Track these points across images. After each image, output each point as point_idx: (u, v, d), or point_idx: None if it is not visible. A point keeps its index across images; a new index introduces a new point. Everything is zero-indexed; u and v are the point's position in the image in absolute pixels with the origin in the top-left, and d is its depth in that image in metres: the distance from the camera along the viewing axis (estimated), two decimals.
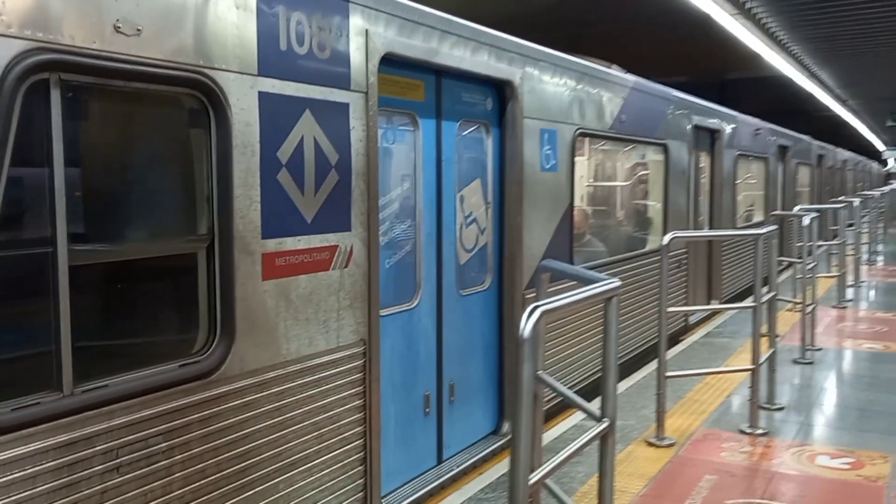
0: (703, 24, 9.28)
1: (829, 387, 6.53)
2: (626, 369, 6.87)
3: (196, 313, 3.03)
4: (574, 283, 3.20)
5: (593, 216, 7.20)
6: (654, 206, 8.30)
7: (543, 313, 2.58)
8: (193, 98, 2.92)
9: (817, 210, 9.40)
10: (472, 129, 5.02)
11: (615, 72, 7.03)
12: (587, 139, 6.59)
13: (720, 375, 6.58)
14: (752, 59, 11.71)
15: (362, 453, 3.79)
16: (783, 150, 14.28)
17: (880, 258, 16.06)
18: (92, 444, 2.54)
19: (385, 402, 4.04)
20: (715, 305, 9.12)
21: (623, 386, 6.42)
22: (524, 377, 2.49)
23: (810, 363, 7.15)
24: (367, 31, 3.72)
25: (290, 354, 3.32)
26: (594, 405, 3.13)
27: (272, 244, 3.19)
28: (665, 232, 7.78)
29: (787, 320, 8.96)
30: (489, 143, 5.14)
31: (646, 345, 7.41)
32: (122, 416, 2.63)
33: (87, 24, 2.44)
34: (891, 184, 38.84)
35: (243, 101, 3.03)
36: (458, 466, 4.69)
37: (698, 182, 9.44)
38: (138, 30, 2.60)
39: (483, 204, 5.12)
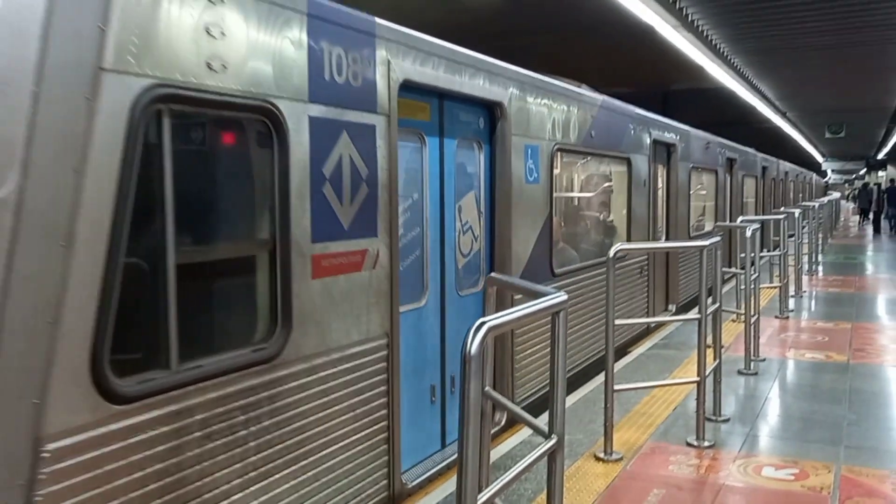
0: (646, 36, 9.36)
1: (773, 397, 6.58)
2: (598, 365, 7.27)
3: (263, 307, 3.55)
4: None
5: (566, 224, 7.75)
6: (619, 214, 8.94)
7: (490, 329, 2.53)
8: (262, 123, 3.45)
9: (759, 221, 9.52)
10: (467, 145, 5.58)
11: (585, 91, 7.58)
12: (563, 153, 7.14)
13: (668, 387, 6.58)
14: (695, 70, 11.87)
15: (386, 433, 4.33)
16: (731, 162, 15.08)
17: (821, 268, 16.41)
18: (192, 414, 3.02)
19: (402, 390, 4.56)
20: (659, 318, 9.17)
21: (571, 399, 6.38)
22: (471, 395, 2.43)
23: (755, 374, 7.21)
24: (389, 61, 4.32)
25: (332, 343, 3.85)
26: (542, 421, 3.09)
27: (319, 247, 3.74)
28: (629, 239, 8.79)
29: (732, 331, 9.05)
30: (481, 159, 5.71)
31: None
32: (212, 391, 3.12)
33: (188, 63, 2.98)
34: (830, 195, 39.96)
35: (297, 124, 3.58)
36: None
37: (656, 193, 10.02)
38: (224, 67, 3.14)
39: (476, 213, 5.68)
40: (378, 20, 4.28)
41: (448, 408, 5.28)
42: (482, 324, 2.54)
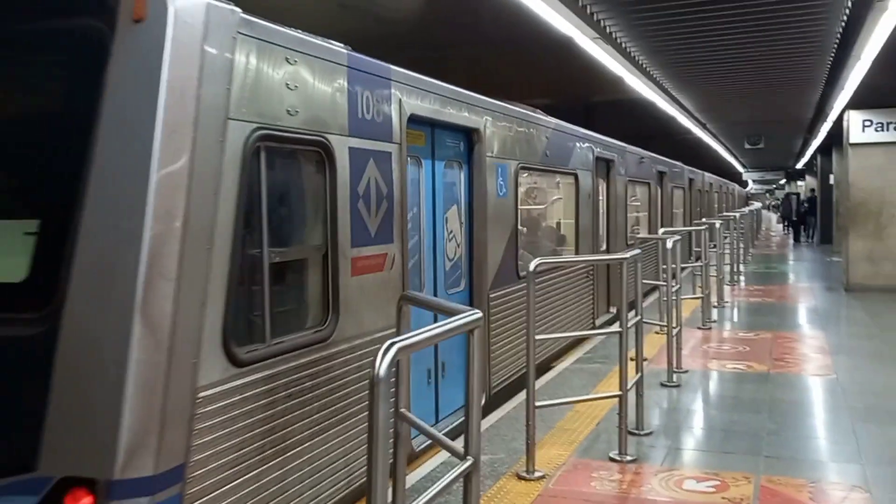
0: (567, 48, 9.37)
1: (695, 409, 6.59)
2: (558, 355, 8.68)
3: (320, 298, 4.42)
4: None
5: (528, 233, 8.72)
6: (569, 224, 9.99)
7: (400, 350, 2.50)
8: (318, 153, 4.38)
9: (681, 233, 9.62)
10: (451, 166, 6.55)
11: (541, 116, 8.74)
12: (524, 171, 8.09)
13: (592, 402, 6.52)
14: (616, 82, 11.96)
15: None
16: (661, 175, 16.35)
17: (743, 278, 16.77)
18: (278, 378, 3.85)
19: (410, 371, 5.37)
20: (581, 332, 9.17)
21: (494, 417, 6.27)
22: (380, 418, 2.37)
23: (677, 386, 7.21)
24: (400, 100, 5.29)
25: (365, 329, 4.69)
26: (459, 443, 3.04)
27: (356, 251, 4.66)
28: (577, 246, 9.85)
29: (655, 343, 9.09)
30: (462, 177, 6.70)
31: (567, 341, 8.98)
32: (290, 362, 3.95)
33: (275, 110, 3.94)
34: (752, 205, 41.11)
35: (342, 153, 4.53)
36: (450, 425, 6.04)
37: (598, 204, 11.00)
38: (297, 111, 4.09)
39: (458, 224, 6.64)
40: (393, 67, 5.29)
41: (440, 389, 6.14)
42: (392, 344, 2.49)
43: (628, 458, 5.24)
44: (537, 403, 5.06)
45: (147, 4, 3.38)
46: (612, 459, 5.24)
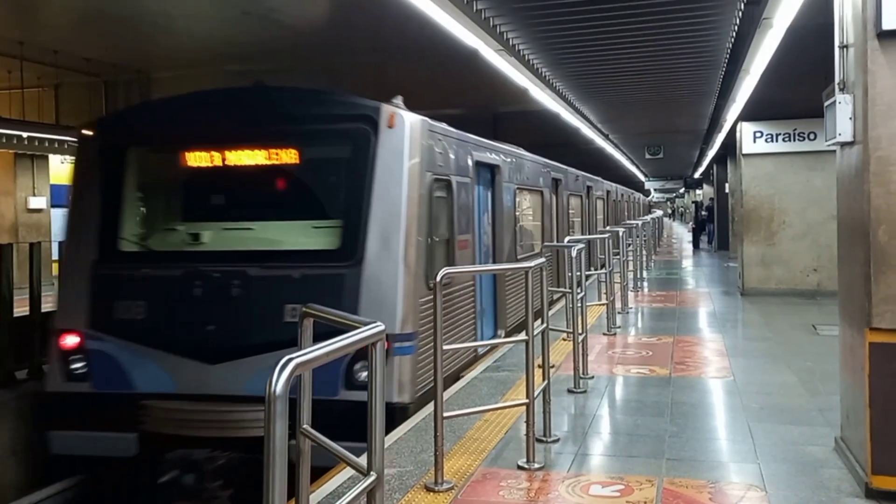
0: (473, 59, 9.46)
1: (601, 414, 6.70)
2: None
3: (446, 259, 8.23)
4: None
5: (520, 234, 12.08)
6: (536, 225, 13.64)
7: (297, 366, 2.43)
8: (448, 184, 8.16)
9: (586, 241, 9.81)
10: (486, 189, 10.19)
11: (523, 152, 12.56)
12: (519, 190, 11.77)
13: (500, 411, 6.55)
14: (521, 94, 12.15)
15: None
16: (589, 189, 20.38)
17: (646, 284, 17.23)
18: (438, 296, 5.44)
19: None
20: (488, 342, 9.23)
21: (402, 429, 6.21)
22: (277, 437, 2.30)
23: (584, 392, 7.33)
24: (472, 153, 9.14)
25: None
26: (363, 458, 2.98)
27: (460, 237, 8.58)
28: (542, 240, 13.62)
29: (562, 350, 9.22)
30: (489, 196, 10.37)
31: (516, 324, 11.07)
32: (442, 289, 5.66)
33: (435, 165, 7.71)
34: (654, 212, 42.39)
35: (454, 184, 8.35)
36: (487, 346, 9.60)
37: (552, 213, 14.97)
38: (443, 165, 7.90)
39: (489, 226, 10.33)
40: (468, 135, 9.19)
41: (483, 322, 9.74)
42: (289, 360, 2.42)
43: (536, 465, 5.27)
44: (445, 414, 5.04)
45: (395, 119, 7.15)
46: (520, 467, 5.26)
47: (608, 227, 20.77)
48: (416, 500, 4.77)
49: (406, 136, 7.13)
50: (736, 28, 8.62)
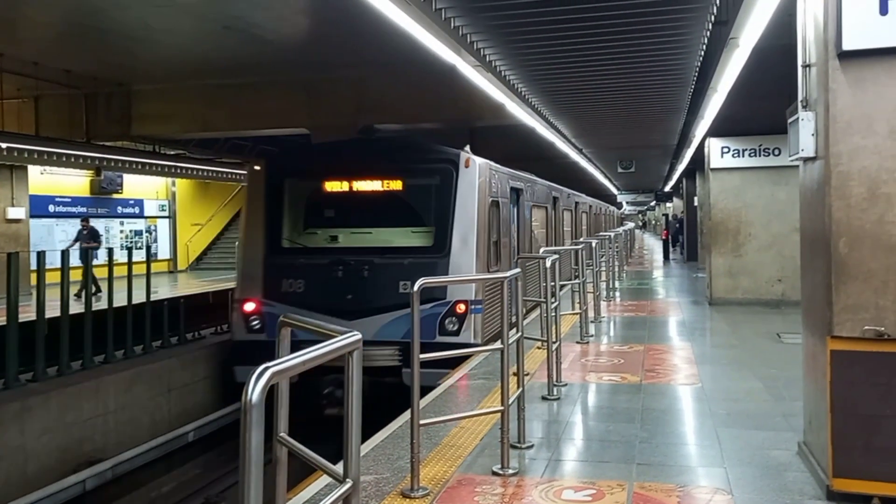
0: (450, 75, 9.62)
1: (574, 421, 6.86)
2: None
3: (496, 254, 12.64)
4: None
5: (533, 237, 16.21)
6: (542, 233, 18.09)
7: (274, 374, 2.43)
8: (498, 204, 12.54)
9: (558, 252, 9.99)
10: (514, 206, 14.00)
11: (534, 177, 16.98)
12: (534, 207, 15.99)
13: (476, 418, 6.67)
14: (498, 108, 12.34)
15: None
16: (576, 204, 24.74)
17: (618, 294, 17.48)
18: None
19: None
20: (464, 350, 9.34)
21: (380, 437, 6.32)
22: (252, 446, 2.28)
23: (557, 399, 7.49)
24: (508, 180, 13.38)
25: (505, 265, 12.95)
26: (339, 466, 3.01)
27: (503, 239, 12.65)
28: (547, 245, 18.38)
29: (537, 358, 9.38)
30: (516, 212, 14.02)
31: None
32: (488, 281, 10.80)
33: (494, 192, 12.54)
34: (626, 224, 42.84)
35: (502, 205, 12.78)
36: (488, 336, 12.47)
37: (555, 225, 20.45)
38: (495, 191, 12.66)
39: (517, 233, 14.25)
40: (507, 169, 13.41)
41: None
42: (265, 369, 2.43)
43: (510, 471, 5.40)
44: (422, 421, 5.15)
45: (470, 162, 11.39)
46: (495, 473, 5.39)
47: (581, 239, 23.44)
48: None
49: (476, 173, 11.46)
50: (704, 48, 8.87)
